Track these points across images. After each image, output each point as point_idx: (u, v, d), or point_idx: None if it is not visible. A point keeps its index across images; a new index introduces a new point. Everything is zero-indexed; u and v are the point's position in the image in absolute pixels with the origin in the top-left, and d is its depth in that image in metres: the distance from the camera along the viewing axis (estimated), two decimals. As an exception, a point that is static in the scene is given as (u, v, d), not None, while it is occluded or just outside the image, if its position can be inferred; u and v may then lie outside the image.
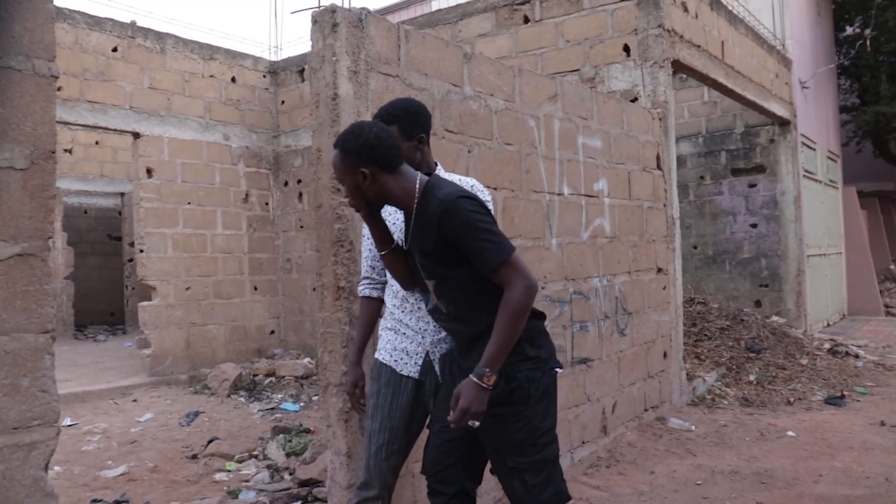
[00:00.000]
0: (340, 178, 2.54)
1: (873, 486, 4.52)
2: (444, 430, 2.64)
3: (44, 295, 2.17)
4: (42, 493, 2.13)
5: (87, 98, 8.53)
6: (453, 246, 2.41)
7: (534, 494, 2.48)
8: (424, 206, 2.47)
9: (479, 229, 2.38)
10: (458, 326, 2.58)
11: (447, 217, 2.38)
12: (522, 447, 2.48)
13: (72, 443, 6.17)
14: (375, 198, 2.53)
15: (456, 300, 2.53)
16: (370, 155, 2.47)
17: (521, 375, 2.47)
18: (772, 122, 11.13)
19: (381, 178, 2.49)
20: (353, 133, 2.50)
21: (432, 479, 2.69)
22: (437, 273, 2.52)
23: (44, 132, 2.18)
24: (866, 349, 9.72)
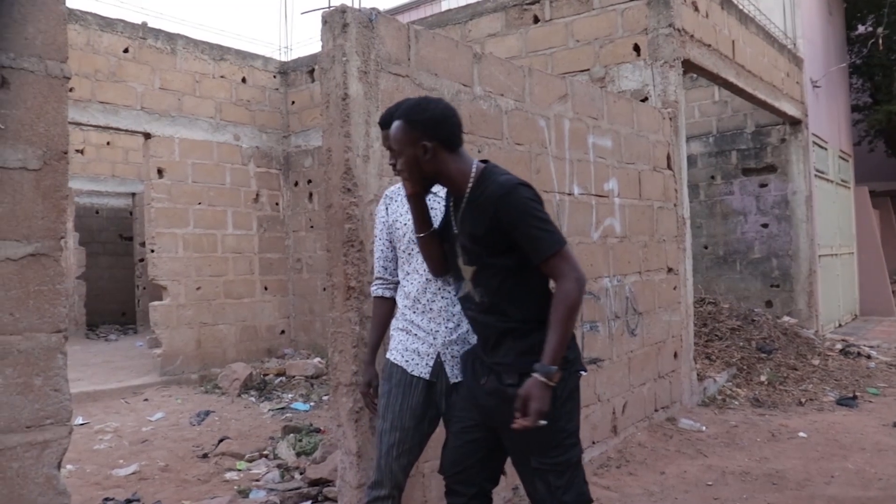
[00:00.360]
0: (399, 149, 2.51)
1: (886, 487, 4.49)
2: (465, 431, 2.63)
3: (56, 295, 2.18)
4: (55, 491, 2.14)
5: (98, 99, 8.57)
6: (505, 233, 2.40)
7: (557, 496, 2.46)
8: (480, 190, 2.46)
9: (536, 217, 2.38)
10: (487, 319, 2.53)
11: (505, 202, 2.37)
12: (547, 448, 2.46)
13: (84, 441, 6.21)
14: (431, 174, 2.51)
15: (493, 290, 2.49)
16: (435, 129, 2.46)
17: None
18: (783, 121, 11.07)
19: (441, 154, 2.48)
20: (420, 105, 2.49)
21: (451, 480, 2.67)
22: (481, 259, 2.49)
23: (56, 133, 2.19)
24: (878, 350, 9.65)
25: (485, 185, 2.45)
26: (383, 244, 3.03)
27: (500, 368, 2.50)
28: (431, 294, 2.86)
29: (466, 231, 2.50)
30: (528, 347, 2.45)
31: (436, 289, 2.85)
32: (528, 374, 2.39)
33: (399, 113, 2.52)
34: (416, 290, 2.88)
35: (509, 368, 2.48)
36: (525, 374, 2.40)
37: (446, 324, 2.84)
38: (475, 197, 2.47)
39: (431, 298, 2.86)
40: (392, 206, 3.01)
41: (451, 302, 2.85)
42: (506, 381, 2.47)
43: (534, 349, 2.42)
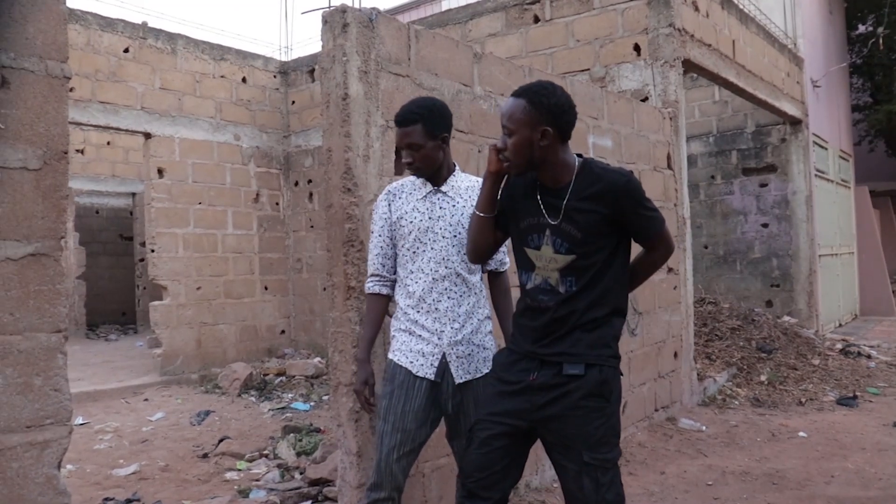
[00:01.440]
0: (515, 128, 2.48)
1: (886, 487, 4.49)
2: (494, 438, 2.58)
3: (56, 294, 2.18)
4: (55, 491, 2.14)
5: (98, 99, 8.58)
6: (615, 219, 2.48)
7: (601, 493, 2.45)
8: (588, 180, 2.50)
9: (649, 201, 2.55)
10: (567, 309, 2.50)
11: (629, 188, 2.47)
12: (599, 444, 2.45)
13: (84, 441, 6.21)
14: (541, 160, 2.51)
15: (586, 279, 2.49)
16: (558, 116, 2.48)
17: (609, 371, 2.48)
18: (783, 121, 11.07)
19: (555, 143, 2.50)
20: (547, 90, 2.49)
21: (476, 485, 2.60)
22: (588, 245, 2.48)
23: (56, 133, 2.19)
24: (879, 349, 9.65)
25: (594, 175, 2.50)
26: (383, 241, 2.97)
27: (564, 358, 2.47)
28: (437, 294, 2.84)
29: (573, 219, 2.49)
30: (597, 340, 2.48)
31: (442, 289, 2.84)
32: (594, 364, 2.44)
33: (521, 92, 2.50)
34: (422, 290, 2.86)
35: (577, 359, 2.47)
36: (592, 366, 2.44)
37: (452, 324, 2.83)
38: (584, 187, 2.49)
39: (437, 298, 2.84)
40: (396, 202, 2.96)
41: (457, 302, 2.84)
42: (568, 371, 2.46)
43: (602, 342, 2.48)
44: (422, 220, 2.86)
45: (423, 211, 2.87)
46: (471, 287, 2.89)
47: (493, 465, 2.58)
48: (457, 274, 2.85)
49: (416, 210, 2.88)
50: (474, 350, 2.85)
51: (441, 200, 2.87)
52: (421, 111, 2.82)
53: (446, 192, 2.87)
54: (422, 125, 2.80)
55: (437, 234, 2.85)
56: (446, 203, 2.87)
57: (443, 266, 2.84)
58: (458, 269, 2.85)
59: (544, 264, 2.54)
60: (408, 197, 2.93)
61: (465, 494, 2.63)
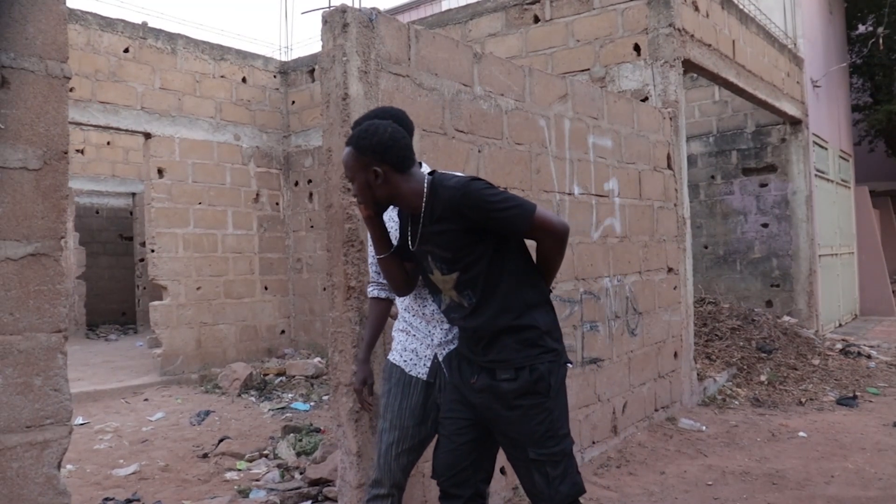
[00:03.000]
0: (351, 175, 2.54)
1: (886, 487, 4.49)
2: (459, 433, 2.64)
3: (56, 294, 2.18)
4: (55, 491, 2.14)
5: (98, 99, 8.58)
6: (475, 228, 2.46)
7: (554, 486, 2.50)
8: (436, 201, 2.49)
9: (498, 202, 2.44)
10: (477, 322, 2.55)
11: (467, 200, 2.42)
12: (543, 439, 2.50)
13: (84, 441, 6.21)
14: (385, 197, 2.54)
15: (480, 287, 2.52)
16: (383, 154, 2.48)
17: (543, 367, 2.50)
18: (783, 121, 11.07)
19: (392, 178, 2.51)
20: (368, 132, 2.50)
21: (447, 483, 2.67)
22: (462, 261, 2.51)
23: (56, 133, 2.19)
24: (879, 349, 9.65)
25: (438, 195, 2.49)
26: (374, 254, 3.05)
27: (495, 365, 2.53)
28: (422, 299, 2.89)
29: (436, 242, 2.53)
30: (523, 341, 2.51)
31: (425, 293, 2.87)
32: (524, 367, 2.47)
33: (349, 140, 2.54)
34: (408, 298, 2.93)
35: (506, 364, 2.51)
36: (521, 368, 2.48)
37: (440, 326, 2.86)
38: (433, 209, 2.50)
39: (422, 304, 2.89)
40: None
41: None
42: (500, 377, 2.51)
43: (528, 342, 2.50)
44: (394, 230, 2.89)
45: (397, 220, 2.90)
46: None
47: (462, 461, 2.65)
48: None
49: (391, 220, 2.92)
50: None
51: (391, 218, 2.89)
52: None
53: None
54: None
55: None
56: None
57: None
58: None
59: (442, 286, 2.61)
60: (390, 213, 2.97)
61: (440, 496, 2.70)
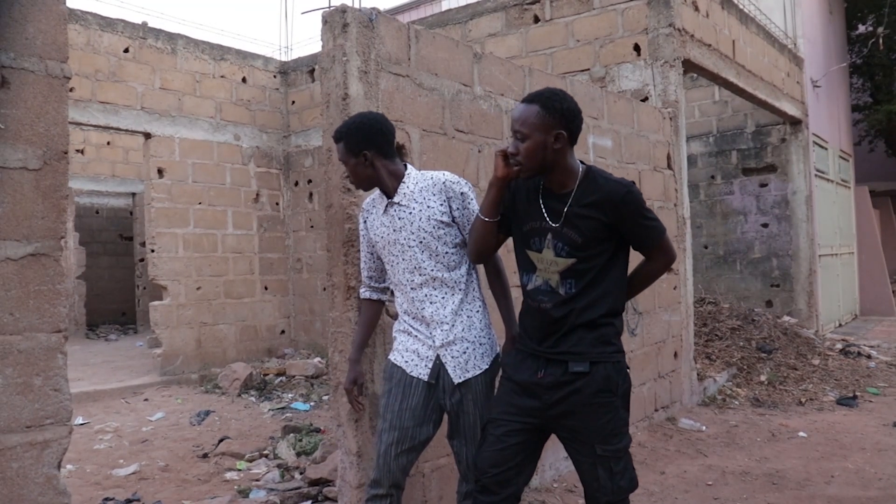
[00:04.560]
0: (529, 132, 2.54)
1: (886, 487, 4.49)
2: (510, 434, 2.64)
3: (56, 295, 2.19)
4: (55, 490, 2.14)
5: (98, 99, 8.58)
6: (614, 227, 2.55)
7: (616, 481, 2.56)
8: (590, 187, 2.57)
9: (649, 211, 2.61)
10: (565, 311, 2.57)
11: (629, 198, 2.53)
12: (610, 436, 2.56)
13: (84, 441, 6.21)
14: (552, 164, 2.58)
15: (585, 282, 2.57)
16: (570, 122, 2.56)
17: (615, 367, 2.57)
18: (783, 121, 11.07)
19: (566, 147, 2.58)
20: (558, 95, 2.56)
21: (490, 481, 2.65)
22: (589, 249, 2.56)
23: (56, 133, 2.20)
24: (879, 349, 9.65)
25: (597, 184, 2.57)
26: (366, 254, 3.08)
27: (568, 357, 2.55)
28: (419, 303, 2.88)
29: (574, 224, 2.56)
30: (599, 337, 2.57)
31: (423, 296, 2.86)
32: (598, 362, 2.53)
33: (535, 98, 2.56)
34: (405, 301, 2.93)
35: (580, 357, 2.55)
36: (596, 363, 2.53)
37: (440, 327, 2.85)
38: (586, 194, 2.56)
39: (420, 307, 2.87)
40: (369, 219, 3.02)
41: (441, 305, 2.85)
42: (573, 369, 2.54)
43: (603, 340, 2.57)
44: (388, 234, 2.90)
45: (388, 225, 2.90)
46: (453, 286, 2.89)
47: (508, 461, 2.65)
48: (433, 278, 2.86)
49: (382, 225, 2.92)
50: (469, 347, 2.86)
51: (398, 211, 2.87)
52: (343, 129, 2.87)
53: (399, 201, 2.86)
54: (343, 143, 2.86)
55: (404, 245, 2.86)
56: (403, 213, 2.86)
57: (417, 275, 2.86)
58: (433, 273, 2.86)
59: (545, 266, 2.61)
60: (376, 212, 2.98)
61: (479, 489, 2.69)
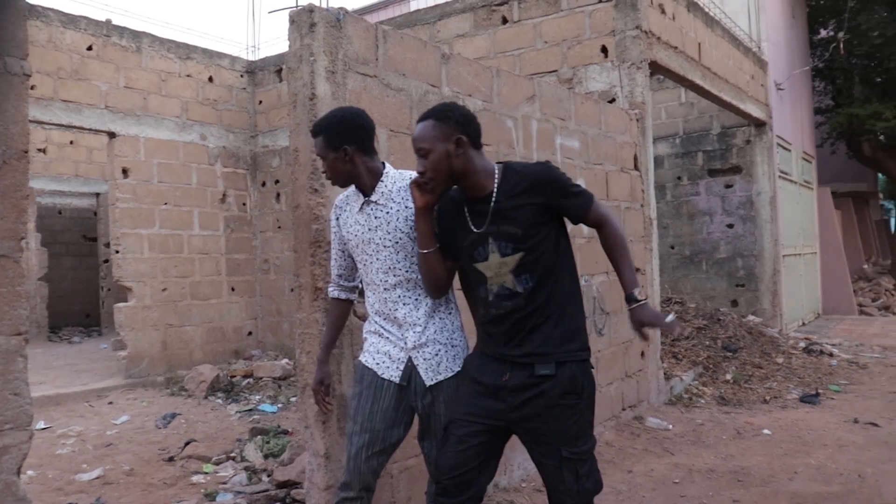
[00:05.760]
0: (429, 146, 2.57)
1: (847, 482, 4.58)
2: (471, 435, 2.63)
3: (16, 297, 2.14)
4: (14, 497, 2.10)
5: (61, 97, 8.43)
6: (548, 208, 2.58)
7: (581, 483, 2.56)
8: (515, 178, 2.59)
9: (573, 184, 2.65)
10: (531, 308, 2.57)
11: (552, 174, 2.59)
12: (575, 438, 2.56)
13: (46, 446, 6.10)
14: (460, 170, 2.59)
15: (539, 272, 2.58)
16: (466, 125, 2.58)
17: (582, 366, 2.58)
18: (748, 123, 11.24)
19: (469, 151, 2.59)
20: (450, 106, 2.63)
21: (450, 482, 2.64)
22: (531, 239, 2.57)
23: (16, 131, 2.16)
24: (840, 348, 9.84)
25: (519, 174, 2.61)
26: (337, 252, 3.04)
27: (534, 359, 2.54)
28: (392, 303, 2.85)
29: (508, 218, 2.58)
30: (563, 335, 2.58)
31: (396, 297, 2.84)
32: (564, 362, 2.53)
33: (428, 114, 2.61)
34: (378, 302, 2.89)
35: (546, 358, 2.54)
36: (561, 363, 2.53)
37: (413, 328, 2.82)
38: (511, 186, 2.58)
39: (393, 308, 2.85)
40: (342, 216, 2.98)
41: (414, 306, 2.83)
42: (540, 372, 2.53)
43: (568, 337, 2.58)
44: (362, 233, 2.86)
45: (363, 223, 2.86)
46: None
47: (469, 462, 2.64)
48: (407, 279, 2.83)
49: (357, 223, 2.88)
50: (441, 349, 2.84)
51: (374, 210, 2.84)
52: (323, 123, 2.84)
53: (376, 200, 2.83)
54: (323, 137, 2.83)
55: (379, 245, 2.83)
56: (380, 212, 2.83)
57: (391, 275, 2.83)
58: (407, 274, 2.83)
59: (496, 272, 2.62)
60: (350, 210, 2.94)
61: (439, 491, 2.67)
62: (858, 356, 9.26)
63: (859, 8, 15.85)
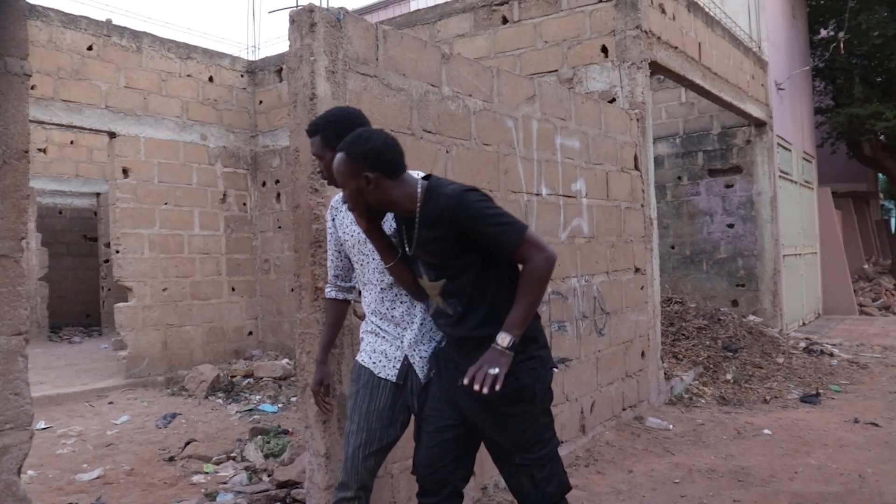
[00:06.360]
0: (343, 181, 2.52)
1: (847, 482, 4.58)
2: (441, 430, 2.65)
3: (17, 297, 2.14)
4: (14, 497, 2.10)
5: (61, 97, 8.43)
6: (466, 238, 2.46)
7: (541, 488, 2.55)
8: (430, 206, 2.49)
9: (492, 216, 2.46)
10: (462, 331, 2.57)
11: (460, 210, 2.43)
12: (529, 445, 2.54)
13: (46, 446, 6.10)
14: (377, 204, 2.53)
15: (466, 297, 2.53)
16: (375, 160, 2.47)
17: (527, 376, 2.51)
18: (748, 123, 11.23)
19: (384, 183, 2.50)
20: (361, 137, 2.50)
21: (426, 480, 2.67)
22: (450, 269, 2.52)
23: (17, 131, 2.16)
24: (841, 348, 9.83)
25: (434, 201, 2.49)
26: (333, 253, 3.04)
27: None
28: (389, 303, 2.86)
29: (426, 248, 2.54)
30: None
31: (392, 296, 2.86)
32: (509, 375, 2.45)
33: (341, 146, 2.52)
34: (374, 301, 2.90)
35: None
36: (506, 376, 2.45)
37: (410, 327, 2.85)
38: (427, 214, 2.50)
39: (390, 307, 2.86)
40: (338, 217, 2.99)
41: (411, 305, 2.85)
42: None
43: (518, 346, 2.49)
44: (358, 233, 2.87)
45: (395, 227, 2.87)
46: None
47: (443, 458, 2.66)
48: None
49: (353, 223, 2.88)
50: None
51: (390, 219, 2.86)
52: (321, 122, 2.84)
53: None
54: (321, 136, 2.82)
55: None
56: None
57: (387, 275, 2.83)
58: None
59: (431, 292, 2.63)
60: (346, 210, 2.94)
61: (419, 492, 2.72)
62: (859, 356, 9.26)
63: (859, 8, 15.85)
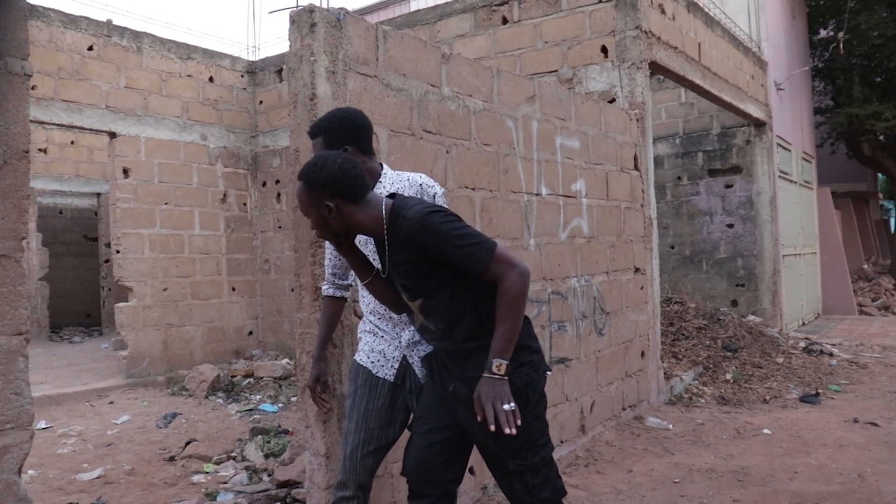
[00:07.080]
0: (305, 210, 2.49)
1: (847, 482, 4.58)
2: (433, 432, 2.64)
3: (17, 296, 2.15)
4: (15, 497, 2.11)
5: (62, 97, 8.44)
6: (435, 259, 2.42)
7: (535, 494, 2.52)
8: (396, 228, 2.45)
9: (458, 237, 2.38)
10: (449, 344, 2.55)
11: (424, 234, 2.37)
12: (521, 451, 2.50)
13: (46, 446, 6.10)
14: (342, 229, 2.50)
15: (445, 315, 2.51)
16: (334, 187, 2.43)
17: (520, 381, 2.48)
18: (748, 123, 11.24)
19: (346, 209, 2.46)
20: (317, 166, 2.45)
21: (417, 482, 2.66)
22: (423, 290, 2.50)
23: (17, 131, 2.16)
24: (840, 347, 9.83)
25: (397, 224, 2.44)
26: (331, 251, 3.05)
27: (472, 381, 2.47)
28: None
29: (397, 270, 2.52)
30: None
31: None
32: None
33: (300, 174, 2.49)
34: (373, 301, 2.90)
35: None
36: None
37: (408, 327, 2.85)
38: (394, 237, 2.46)
39: None
40: None
41: None
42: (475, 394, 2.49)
43: None
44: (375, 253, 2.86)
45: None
46: None
47: (434, 459, 2.65)
48: None
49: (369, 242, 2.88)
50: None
51: None
52: (323, 124, 2.84)
53: None
54: (323, 138, 2.82)
55: None
56: None
57: None
58: None
59: (412, 308, 2.60)
60: None
61: (409, 495, 2.70)
62: (858, 356, 9.26)
63: (859, 8, 15.85)
